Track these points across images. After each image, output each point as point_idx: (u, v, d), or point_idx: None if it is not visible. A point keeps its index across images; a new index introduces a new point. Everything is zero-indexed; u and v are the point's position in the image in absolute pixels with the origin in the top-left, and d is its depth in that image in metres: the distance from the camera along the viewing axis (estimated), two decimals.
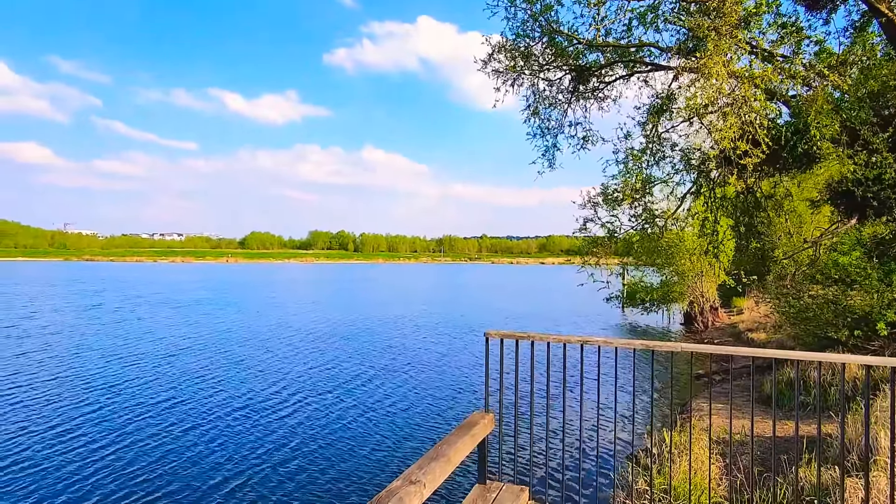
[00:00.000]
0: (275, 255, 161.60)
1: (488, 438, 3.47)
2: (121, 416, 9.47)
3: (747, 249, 18.20)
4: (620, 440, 8.19)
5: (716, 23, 7.13)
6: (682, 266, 20.42)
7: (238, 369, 13.35)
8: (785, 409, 8.27)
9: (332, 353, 15.79)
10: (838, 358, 2.92)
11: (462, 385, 12.24)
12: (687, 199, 11.10)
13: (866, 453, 2.79)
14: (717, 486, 4.89)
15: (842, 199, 10.03)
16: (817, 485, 3.32)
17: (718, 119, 7.74)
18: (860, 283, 9.12)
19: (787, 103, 8.84)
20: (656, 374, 12.59)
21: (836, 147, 7.87)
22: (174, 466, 7.39)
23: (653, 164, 10.14)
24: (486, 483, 3.53)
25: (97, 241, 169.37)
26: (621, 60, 10.07)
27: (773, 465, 4.12)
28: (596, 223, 10.80)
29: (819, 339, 9.85)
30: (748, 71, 7.74)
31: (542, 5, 9.30)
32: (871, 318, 8.53)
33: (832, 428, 6.36)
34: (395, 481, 2.27)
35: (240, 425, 9.15)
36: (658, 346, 3.28)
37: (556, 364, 8.67)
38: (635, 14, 8.74)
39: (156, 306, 28.06)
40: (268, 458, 7.80)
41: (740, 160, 7.42)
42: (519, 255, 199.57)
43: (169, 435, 8.60)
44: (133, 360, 14.09)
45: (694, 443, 5.72)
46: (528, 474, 5.71)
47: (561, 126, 10.78)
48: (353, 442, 8.50)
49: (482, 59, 10.26)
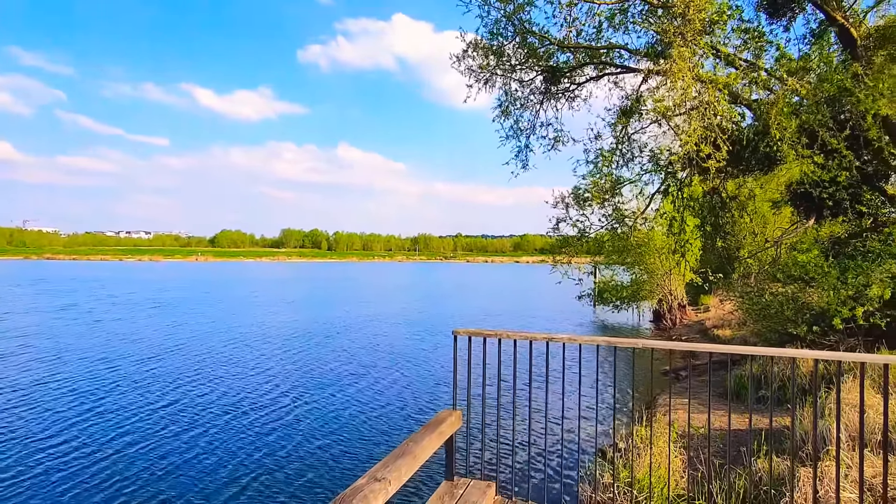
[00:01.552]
0: (246, 254, 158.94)
1: (456, 435, 3.50)
2: (84, 421, 9.21)
3: (713, 248, 18.71)
4: (587, 435, 8.33)
5: (682, 28, 7.31)
6: (650, 265, 20.85)
7: (204, 370, 13.11)
8: (748, 403, 8.53)
9: (300, 353, 15.63)
10: (790, 353, 3.04)
11: (432, 383, 12.27)
12: (655, 198, 11.35)
13: (815, 443, 2.91)
14: (680, 479, 5.03)
15: (801, 200, 10.42)
16: (770, 475, 3.45)
17: (685, 122, 7.95)
18: (818, 280, 9.46)
19: (749, 107, 9.13)
20: (624, 370, 12.84)
21: (795, 147, 8.15)
22: (138, 465, 7.23)
23: (622, 164, 10.34)
24: (454, 479, 3.56)
25: (59, 238, 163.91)
26: (592, 62, 10.24)
27: (729, 457, 4.27)
28: (567, 223, 10.97)
29: (780, 335, 10.18)
30: (713, 75, 7.97)
31: (515, 5, 9.39)
32: (828, 314, 8.86)
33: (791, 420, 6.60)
34: (360, 479, 2.28)
35: (207, 424, 8.99)
36: (621, 342, 3.36)
37: (524, 361, 8.77)
38: (605, 16, 8.90)
39: (110, 307, 27.32)
40: (234, 456, 7.68)
41: (704, 162, 7.62)
42: (494, 254, 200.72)
43: (136, 433, 8.40)
44: (90, 367, 13.71)
45: (658, 437, 5.87)
46: (495, 470, 5.77)
47: (533, 127, 10.91)
48: (321, 440, 8.44)
49: (457, 55, 10.32)
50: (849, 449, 4.65)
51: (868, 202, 9.85)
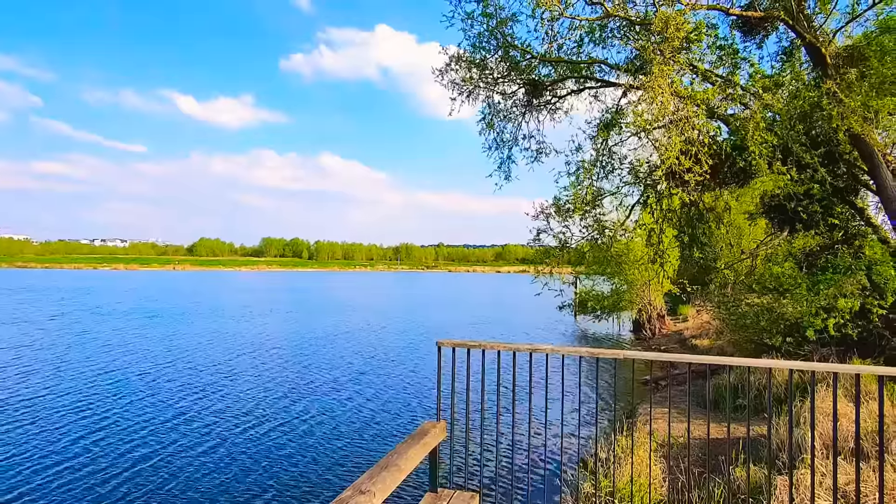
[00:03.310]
0: (225, 263, 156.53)
1: (440, 447, 3.51)
2: (68, 434, 8.96)
3: (691, 259, 19.03)
4: (569, 445, 8.37)
5: (661, 46, 7.50)
6: (630, 275, 21.11)
7: (184, 383, 12.87)
8: (726, 413, 8.66)
9: (283, 365, 15.45)
10: (766, 363, 3.11)
11: (415, 394, 12.22)
12: (635, 210, 11.53)
13: (790, 452, 2.98)
14: (660, 487, 5.09)
15: (775, 213, 10.69)
16: (747, 483, 3.51)
17: (664, 135, 8.12)
18: (791, 292, 9.69)
19: (725, 121, 9.36)
20: (606, 380, 12.94)
21: (770, 161, 8.37)
22: (113, 478, 7.05)
23: (603, 176, 10.49)
24: (438, 491, 3.55)
25: (31, 246, 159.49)
26: (573, 76, 10.42)
27: (708, 465, 4.33)
28: (549, 234, 11.07)
29: (756, 345, 10.38)
30: (691, 91, 8.16)
31: (498, 20, 9.51)
32: (802, 325, 9.07)
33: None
34: (344, 492, 2.27)
35: (190, 437, 8.81)
36: (602, 353, 3.40)
37: (508, 372, 8.79)
38: (585, 30, 9.08)
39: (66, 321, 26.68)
40: (217, 468, 7.54)
41: (684, 175, 7.79)
42: (475, 264, 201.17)
43: (109, 446, 8.19)
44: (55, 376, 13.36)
45: (639, 446, 5.93)
46: (479, 481, 5.78)
47: (515, 139, 11.03)
48: (304, 453, 8.34)
49: (439, 68, 10.39)
50: (823, 457, 4.76)
51: (839, 215, 10.15)
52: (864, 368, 2.88)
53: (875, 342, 8.64)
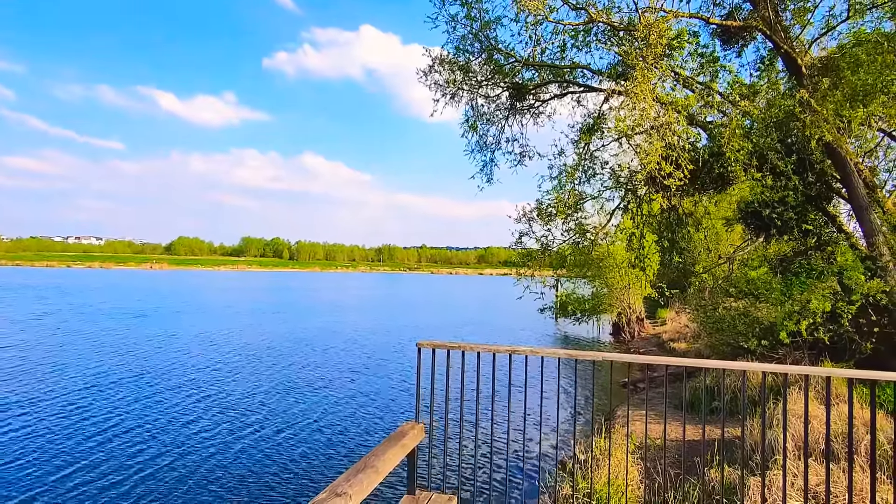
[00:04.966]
0: (204, 262, 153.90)
1: (418, 448, 3.49)
2: (39, 438, 8.72)
3: (670, 263, 19.33)
4: (548, 446, 8.41)
5: (644, 52, 7.60)
6: (610, 279, 21.34)
7: (161, 383, 12.62)
8: (703, 415, 8.79)
9: (261, 366, 15.26)
10: (740, 366, 3.16)
11: (395, 396, 12.17)
12: (616, 214, 11.67)
13: (762, 453, 3.04)
14: (637, 489, 5.14)
15: (751, 219, 10.89)
16: (722, 484, 3.57)
17: (645, 140, 8.23)
18: (766, 296, 9.88)
19: (704, 128, 9.53)
20: (584, 382, 13.04)
21: (746, 168, 8.54)
22: (87, 481, 6.88)
23: (585, 180, 10.60)
24: (416, 493, 3.53)
25: (1, 243, 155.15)
26: (556, 80, 10.50)
27: (684, 467, 4.39)
28: (531, 237, 11.14)
29: (733, 348, 10.56)
30: (671, 97, 8.29)
31: (481, 23, 9.55)
32: (776, 328, 9.25)
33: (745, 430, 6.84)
34: (320, 494, 2.24)
35: (164, 439, 8.64)
36: (581, 355, 3.42)
37: (488, 373, 8.80)
38: (569, 35, 9.16)
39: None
40: (193, 470, 7.41)
41: (664, 180, 7.90)
42: (458, 266, 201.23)
43: (82, 447, 8.00)
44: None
45: (617, 448, 5.98)
46: (457, 483, 5.78)
47: (498, 142, 11.07)
48: (280, 455, 8.24)
49: (423, 69, 10.40)
50: (795, 458, 4.85)
51: (813, 222, 10.39)
52: (834, 371, 2.94)
53: (846, 346, 8.85)
